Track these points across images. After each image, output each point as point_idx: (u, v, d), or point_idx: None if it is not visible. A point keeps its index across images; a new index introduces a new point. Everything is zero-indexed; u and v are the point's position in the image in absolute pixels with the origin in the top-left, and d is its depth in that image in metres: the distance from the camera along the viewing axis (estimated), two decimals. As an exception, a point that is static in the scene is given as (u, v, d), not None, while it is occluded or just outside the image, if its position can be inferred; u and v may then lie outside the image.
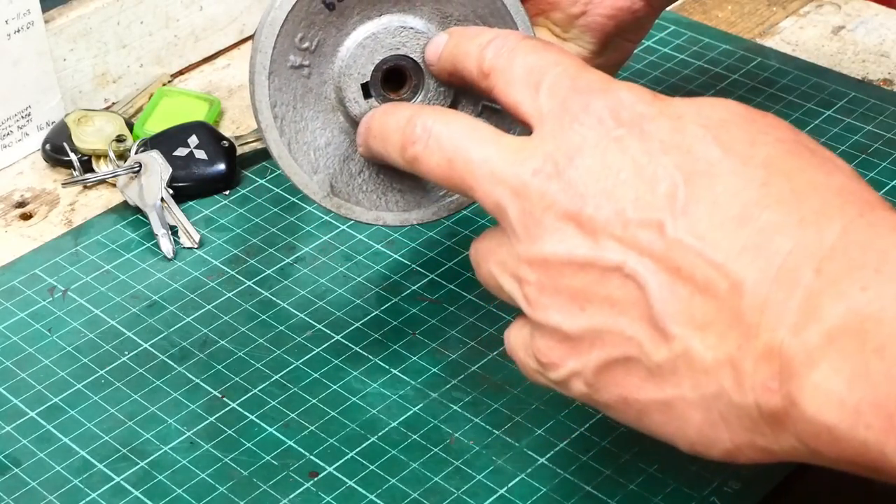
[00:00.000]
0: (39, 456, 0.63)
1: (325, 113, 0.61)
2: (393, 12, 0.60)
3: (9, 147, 0.82)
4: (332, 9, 0.59)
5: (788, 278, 0.44)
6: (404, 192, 0.62)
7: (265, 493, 0.60)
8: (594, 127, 0.50)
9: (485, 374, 0.66)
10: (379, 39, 0.60)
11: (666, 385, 0.48)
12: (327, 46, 0.60)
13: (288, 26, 0.59)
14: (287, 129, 0.60)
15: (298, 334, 0.69)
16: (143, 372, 0.67)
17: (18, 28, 0.79)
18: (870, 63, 0.87)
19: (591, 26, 0.72)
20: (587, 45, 0.72)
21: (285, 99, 0.60)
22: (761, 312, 0.44)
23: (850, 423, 0.43)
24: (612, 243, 0.48)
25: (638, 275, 0.47)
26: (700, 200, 0.47)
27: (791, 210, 0.46)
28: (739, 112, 0.49)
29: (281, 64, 0.59)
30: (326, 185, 0.61)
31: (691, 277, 0.46)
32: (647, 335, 0.47)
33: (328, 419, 0.64)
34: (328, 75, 0.60)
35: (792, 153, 0.48)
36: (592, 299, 0.49)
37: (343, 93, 0.60)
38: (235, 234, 0.75)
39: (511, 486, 0.60)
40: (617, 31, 0.72)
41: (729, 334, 0.45)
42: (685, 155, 0.48)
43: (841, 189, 0.47)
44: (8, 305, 0.71)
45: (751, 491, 0.59)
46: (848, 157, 0.78)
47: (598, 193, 0.48)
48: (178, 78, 0.89)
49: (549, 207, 0.49)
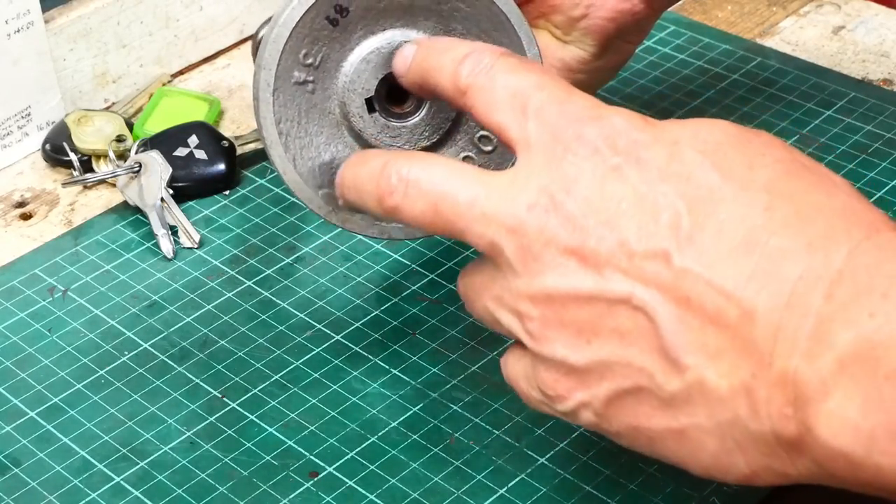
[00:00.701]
0: (39, 456, 0.63)
1: (330, 128, 0.61)
2: (396, 27, 0.60)
3: (9, 147, 0.82)
4: (336, 25, 0.59)
5: (800, 304, 0.44)
6: None
7: (265, 493, 0.60)
8: (589, 157, 0.49)
9: (485, 374, 0.66)
10: (382, 54, 0.60)
11: (680, 414, 0.47)
12: (331, 62, 0.60)
13: (292, 43, 0.59)
14: (292, 145, 0.60)
15: (298, 334, 0.69)
16: (143, 372, 0.67)
17: (18, 28, 0.79)
18: (870, 63, 0.87)
19: (591, 29, 0.72)
20: (588, 48, 0.72)
21: (290, 115, 0.60)
22: (774, 340, 0.44)
23: (865, 449, 0.43)
24: (618, 275, 0.47)
25: (647, 306, 0.47)
26: (704, 228, 0.46)
27: (797, 234, 0.45)
28: (733, 133, 0.49)
29: (285, 80, 0.59)
30: (331, 199, 0.61)
31: (701, 307, 0.46)
32: (659, 366, 0.47)
33: (328, 419, 0.64)
34: (332, 91, 0.60)
35: (791, 174, 0.47)
36: (600, 332, 0.48)
37: (347, 108, 0.60)
38: (235, 234, 0.75)
39: (511, 486, 0.60)
40: (617, 34, 0.72)
41: (742, 362, 0.45)
42: (685, 182, 0.47)
43: (844, 210, 0.46)
44: (8, 305, 0.71)
45: (751, 491, 0.59)
46: (848, 157, 0.79)
47: (599, 225, 0.48)
48: (178, 78, 0.89)
49: (549, 242, 0.48)
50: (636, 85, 0.85)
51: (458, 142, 0.63)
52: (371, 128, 0.61)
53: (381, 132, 0.61)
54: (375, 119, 0.61)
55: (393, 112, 0.61)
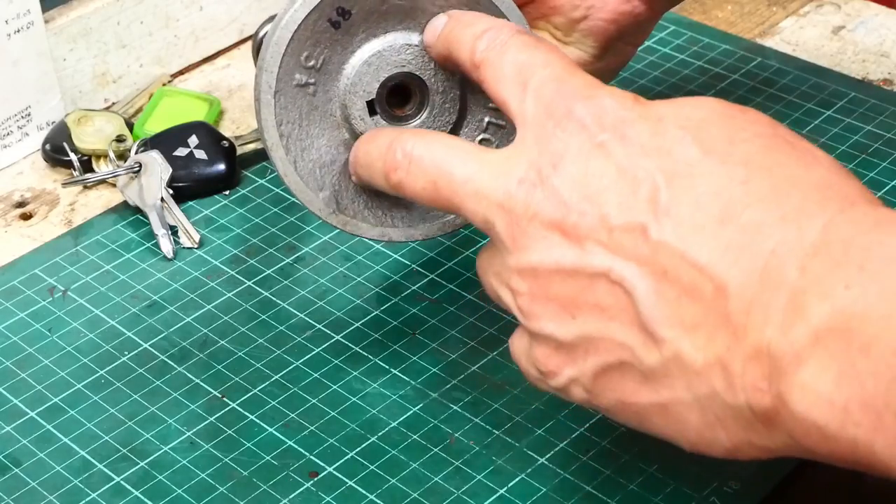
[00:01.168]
0: (39, 456, 0.63)
1: (331, 130, 0.61)
2: (398, 30, 0.60)
3: (9, 147, 0.82)
4: (338, 27, 0.59)
5: (773, 278, 0.44)
6: (409, 208, 0.63)
7: (265, 493, 0.60)
8: (576, 133, 0.50)
9: (485, 374, 0.66)
10: (384, 57, 0.60)
11: (661, 388, 0.48)
12: (333, 64, 0.60)
13: (293, 45, 0.59)
14: (293, 147, 0.60)
15: (298, 334, 0.69)
16: (143, 372, 0.67)
17: (18, 28, 0.79)
18: (870, 63, 0.87)
19: (592, 30, 0.72)
20: (588, 49, 0.72)
21: (291, 117, 0.60)
22: (747, 313, 0.44)
23: (839, 422, 0.43)
24: (598, 249, 0.48)
25: (625, 280, 0.47)
26: (682, 202, 0.47)
27: (772, 208, 0.46)
28: (718, 110, 0.49)
29: (287, 83, 0.59)
30: (332, 202, 0.62)
31: (677, 280, 0.46)
32: (638, 340, 0.47)
33: (328, 419, 0.64)
34: (333, 93, 0.60)
35: (770, 148, 0.48)
36: (582, 306, 0.49)
37: (348, 110, 0.60)
38: (235, 234, 0.75)
39: (511, 486, 0.60)
40: (618, 35, 0.72)
41: (717, 335, 0.45)
42: (665, 157, 0.48)
43: (820, 183, 0.46)
44: (8, 305, 0.71)
45: (751, 491, 0.59)
46: (848, 158, 0.78)
47: (581, 200, 0.48)
48: (178, 78, 0.89)
49: (535, 217, 0.49)
50: (636, 85, 0.85)
51: None
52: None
53: None
54: (377, 121, 0.61)
55: (394, 114, 0.61)
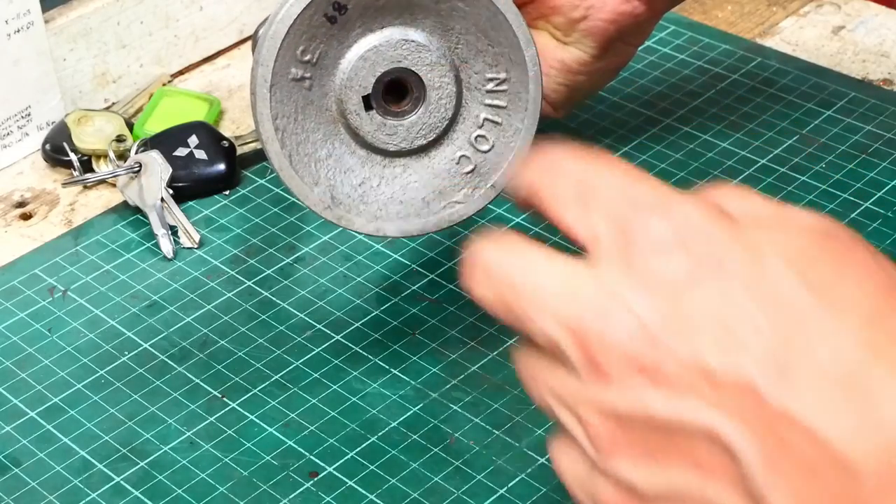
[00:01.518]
0: (39, 456, 0.63)
1: (326, 125, 0.61)
2: (395, 25, 0.60)
3: (9, 147, 0.82)
4: (335, 22, 0.59)
5: None
6: (405, 203, 0.63)
7: (265, 493, 0.60)
8: (660, 256, 0.43)
9: (485, 374, 0.66)
10: (381, 52, 0.60)
11: None
12: (329, 59, 0.60)
13: (290, 39, 0.59)
14: (288, 142, 0.60)
15: (298, 334, 0.69)
16: (143, 372, 0.67)
17: (18, 28, 0.79)
18: (870, 63, 0.87)
19: (592, 30, 0.71)
20: (588, 49, 0.72)
21: (286, 111, 0.60)
22: (883, 495, 0.40)
23: None
24: (697, 402, 0.42)
25: (732, 442, 0.41)
26: (799, 363, 0.41)
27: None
28: (817, 237, 0.43)
29: (282, 77, 0.59)
30: (327, 196, 0.61)
31: (798, 454, 0.40)
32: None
33: (328, 419, 0.64)
34: (329, 87, 0.60)
35: (882, 289, 0.42)
36: (673, 458, 0.43)
37: (344, 105, 0.60)
38: (235, 234, 0.75)
39: (511, 486, 0.60)
40: (618, 35, 0.72)
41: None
42: (772, 300, 0.42)
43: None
44: (8, 305, 0.71)
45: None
46: (848, 157, 0.78)
47: (672, 339, 0.42)
48: (178, 78, 0.89)
49: (618, 356, 0.43)
50: (636, 85, 0.85)
51: (455, 140, 0.63)
52: (368, 125, 0.61)
53: (378, 130, 0.61)
54: (372, 117, 0.61)
55: (390, 110, 0.61)
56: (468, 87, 0.62)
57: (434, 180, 0.63)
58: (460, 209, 0.64)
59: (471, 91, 0.62)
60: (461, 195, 0.64)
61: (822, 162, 0.78)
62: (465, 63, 0.62)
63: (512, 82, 0.63)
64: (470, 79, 0.62)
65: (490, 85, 0.63)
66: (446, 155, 0.63)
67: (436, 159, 0.63)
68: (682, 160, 0.79)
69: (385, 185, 0.63)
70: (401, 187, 0.63)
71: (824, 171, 0.78)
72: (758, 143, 0.80)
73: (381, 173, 0.63)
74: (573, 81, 0.74)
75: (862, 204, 0.75)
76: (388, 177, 0.63)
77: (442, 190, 0.64)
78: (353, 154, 0.62)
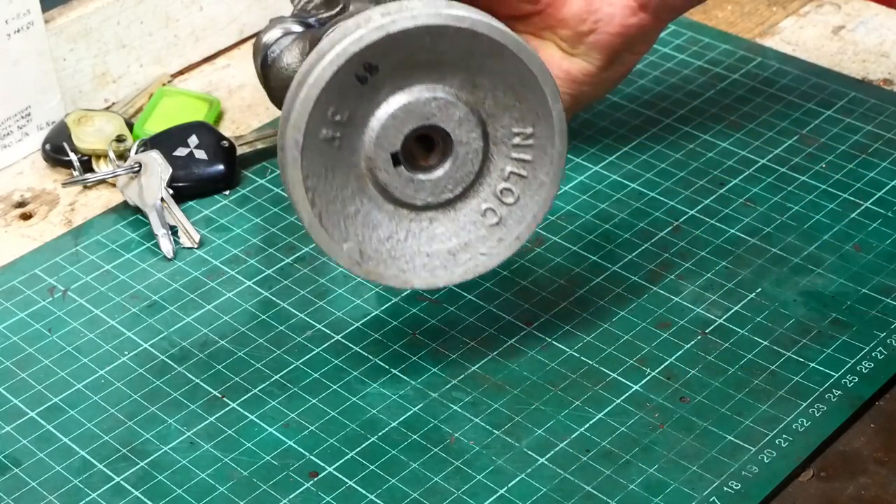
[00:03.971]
0: (39, 456, 0.63)
1: (355, 181, 0.61)
2: (424, 83, 0.60)
3: (9, 147, 0.82)
4: (365, 82, 0.59)
5: None
6: (431, 256, 0.63)
7: (265, 493, 0.60)
8: None
9: (485, 374, 0.66)
10: (410, 111, 0.60)
11: None
12: (358, 118, 0.60)
13: (321, 101, 0.59)
14: (318, 201, 0.60)
15: (298, 334, 0.69)
16: (143, 372, 0.67)
17: (18, 28, 0.79)
18: (870, 63, 0.87)
19: (599, 43, 0.71)
20: (594, 61, 0.72)
21: (317, 171, 0.60)
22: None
23: None
24: None
25: None
26: None
27: None
28: None
29: (313, 137, 0.59)
30: (356, 252, 0.62)
31: None
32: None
33: (328, 419, 0.64)
34: (358, 145, 0.61)
35: None
36: None
37: (373, 162, 0.61)
38: (235, 234, 0.75)
39: (511, 486, 0.60)
40: (625, 47, 0.72)
41: None
42: None
43: None
44: (8, 305, 0.71)
45: (751, 491, 0.59)
46: (848, 157, 0.79)
47: None
48: (178, 78, 0.89)
49: None
50: (636, 85, 0.85)
51: (480, 193, 0.64)
52: (396, 181, 0.61)
53: (406, 185, 0.62)
54: (400, 172, 0.61)
55: (418, 165, 0.61)
56: (494, 142, 0.62)
57: (460, 232, 0.64)
58: (485, 261, 0.64)
59: (497, 145, 0.63)
60: (486, 247, 0.64)
61: (822, 162, 0.78)
62: (492, 117, 0.62)
63: (538, 137, 0.63)
64: (496, 133, 0.62)
65: (516, 139, 0.63)
66: (472, 207, 0.64)
67: (461, 212, 0.64)
68: (682, 160, 0.79)
69: (412, 238, 0.63)
70: (427, 240, 0.63)
71: (824, 171, 0.78)
72: (758, 143, 0.80)
73: (407, 227, 0.63)
74: (578, 91, 0.74)
75: (862, 204, 0.75)
76: (414, 230, 0.63)
77: (467, 242, 0.64)
78: (380, 209, 0.62)
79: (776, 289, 0.70)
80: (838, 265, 0.71)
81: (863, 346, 0.66)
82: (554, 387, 0.65)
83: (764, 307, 0.69)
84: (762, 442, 0.61)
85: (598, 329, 0.68)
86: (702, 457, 0.61)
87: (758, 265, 0.71)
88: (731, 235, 0.73)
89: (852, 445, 0.62)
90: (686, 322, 0.68)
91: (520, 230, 0.64)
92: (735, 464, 0.60)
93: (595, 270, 0.71)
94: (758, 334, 0.67)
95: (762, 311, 0.68)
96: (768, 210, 0.75)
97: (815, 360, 0.65)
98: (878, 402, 0.64)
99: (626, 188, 0.77)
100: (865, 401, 0.63)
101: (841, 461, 0.61)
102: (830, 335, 0.67)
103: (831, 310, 0.68)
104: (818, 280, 0.70)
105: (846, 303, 0.69)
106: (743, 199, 0.76)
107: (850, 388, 0.64)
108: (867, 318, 0.68)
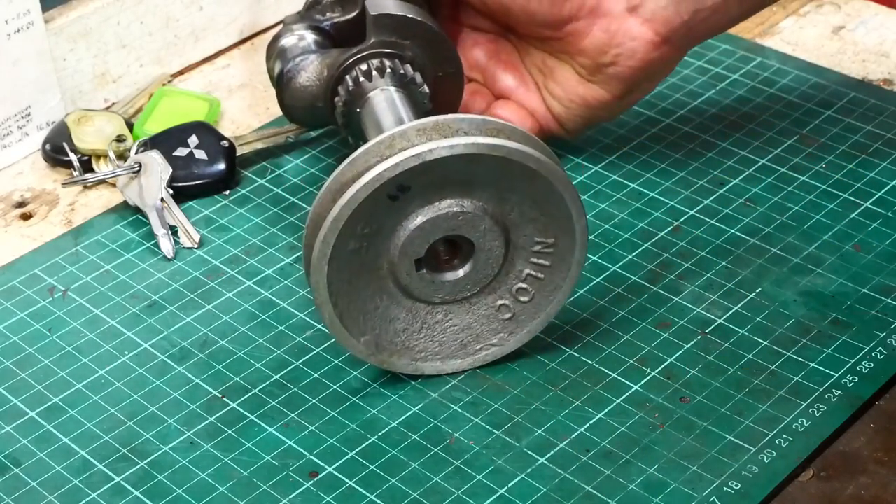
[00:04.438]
0: (39, 456, 0.63)
1: (377, 281, 0.62)
2: (454, 196, 0.61)
3: (9, 147, 0.82)
4: (396, 200, 0.60)
5: None
6: (443, 345, 0.64)
7: (265, 493, 0.60)
8: None
9: (485, 374, 0.66)
10: (437, 223, 0.61)
11: None
12: (386, 229, 0.61)
13: (352, 219, 0.59)
14: (339, 302, 0.62)
15: (298, 334, 0.69)
16: (143, 372, 0.67)
17: (18, 28, 0.79)
18: (870, 63, 0.87)
19: (619, 75, 0.71)
20: (612, 90, 0.72)
21: (341, 277, 0.61)
22: None
23: None
24: None
25: None
26: None
27: None
28: None
29: (341, 250, 0.60)
30: (372, 345, 0.63)
31: None
32: None
33: (328, 419, 0.64)
34: (383, 250, 0.61)
35: None
36: None
37: (396, 266, 0.61)
38: (235, 234, 0.75)
39: (511, 486, 0.60)
40: (644, 78, 0.72)
41: None
42: None
43: None
44: (8, 305, 0.71)
45: (751, 491, 0.59)
46: (848, 157, 0.78)
47: None
48: (178, 78, 0.89)
49: None
50: (636, 85, 0.85)
51: (496, 290, 0.64)
52: (417, 283, 0.62)
53: (426, 286, 0.63)
54: (422, 276, 0.62)
55: (439, 264, 0.62)
56: (515, 247, 0.63)
57: (473, 325, 0.65)
58: (495, 351, 0.65)
59: (517, 250, 0.63)
60: (497, 339, 0.65)
61: (822, 162, 0.78)
62: (516, 227, 0.63)
63: (559, 247, 0.63)
64: (518, 240, 0.63)
65: (538, 247, 0.63)
66: (487, 303, 0.65)
67: (476, 306, 0.65)
68: (682, 160, 0.79)
69: (426, 329, 0.64)
70: (440, 331, 0.65)
71: (824, 171, 0.78)
72: (758, 143, 0.80)
73: (423, 319, 0.64)
74: (591, 115, 0.74)
75: (862, 204, 0.75)
76: (429, 322, 0.64)
77: (480, 333, 0.65)
78: (399, 305, 0.63)
79: (776, 289, 0.70)
80: (838, 265, 0.71)
81: (863, 346, 0.66)
82: (554, 387, 0.65)
83: (764, 307, 0.69)
84: (762, 442, 0.61)
85: (598, 329, 0.68)
86: (702, 457, 0.61)
87: (758, 265, 0.71)
88: (731, 235, 0.73)
89: (852, 445, 0.62)
90: (686, 322, 0.68)
91: (532, 325, 0.65)
92: (735, 464, 0.60)
93: (595, 270, 0.71)
94: (758, 334, 0.67)
95: (762, 311, 0.68)
96: (768, 210, 0.75)
97: (815, 360, 0.65)
98: (878, 402, 0.64)
99: (626, 188, 0.77)
100: (865, 401, 0.63)
101: (841, 461, 0.61)
102: (830, 335, 0.67)
103: (831, 310, 0.68)
104: (818, 280, 0.70)
105: (846, 303, 0.69)
106: (743, 199, 0.76)
107: (850, 388, 0.64)
108: (867, 318, 0.68)
